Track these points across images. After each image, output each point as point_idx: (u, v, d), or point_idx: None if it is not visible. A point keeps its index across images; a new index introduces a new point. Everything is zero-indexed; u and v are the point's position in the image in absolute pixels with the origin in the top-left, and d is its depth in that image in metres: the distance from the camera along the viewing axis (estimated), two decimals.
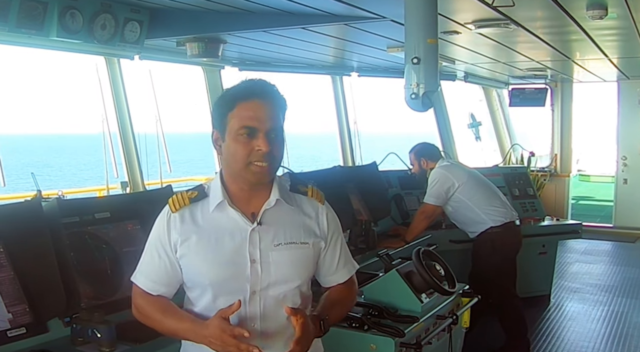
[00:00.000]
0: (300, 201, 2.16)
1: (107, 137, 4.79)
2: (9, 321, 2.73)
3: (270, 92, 2.03)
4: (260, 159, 1.97)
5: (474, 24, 4.71)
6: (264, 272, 2.04)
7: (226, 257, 2.03)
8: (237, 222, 2.06)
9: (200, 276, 2.07)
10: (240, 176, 2.03)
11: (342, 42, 5.49)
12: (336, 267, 2.23)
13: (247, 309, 2.03)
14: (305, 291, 2.16)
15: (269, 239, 2.06)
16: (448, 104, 8.94)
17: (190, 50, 4.44)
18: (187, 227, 2.08)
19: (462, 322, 3.95)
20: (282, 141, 2.05)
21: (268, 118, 1.98)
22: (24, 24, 3.63)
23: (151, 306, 2.15)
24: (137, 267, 2.21)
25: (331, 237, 2.19)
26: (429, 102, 3.54)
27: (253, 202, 2.08)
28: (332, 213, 2.23)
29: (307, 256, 2.12)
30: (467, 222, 5.26)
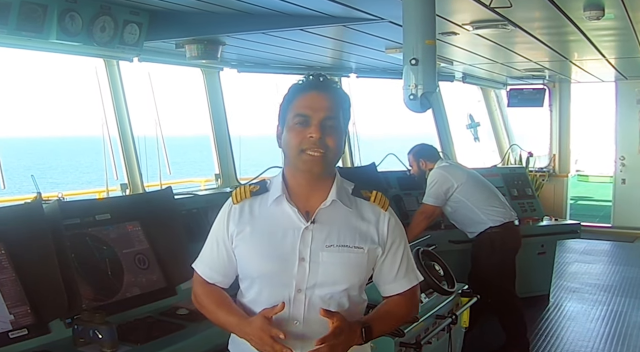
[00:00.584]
0: (361, 205, 2.13)
1: (107, 139, 4.80)
2: (10, 322, 2.75)
3: (327, 85, 2.08)
4: (312, 146, 1.99)
5: (472, 25, 4.72)
6: (312, 272, 2.04)
7: (276, 252, 2.05)
8: (292, 218, 2.07)
9: (250, 267, 2.12)
10: (294, 165, 2.06)
11: (340, 44, 5.51)
12: (395, 276, 2.19)
13: (292, 306, 2.05)
14: (356, 296, 2.13)
15: (321, 239, 2.06)
16: (446, 105, 8.96)
17: (189, 52, 4.45)
18: (245, 219, 2.12)
19: (462, 322, 3.96)
20: (340, 135, 2.05)
21: (322, 108, 2.00)
22: (24, 27, 3.64)
23: (207, 297, 2.22)
24: (199, 255, 2.29)
25: (391, 245, 2.15)
26: (427, 103, 3.54)
27: (311, 200, 2.09)
28: (396, 221, 2.18)
29: (359, 260, 2.08)
30: (467, 223, 5.27)
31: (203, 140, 5.92)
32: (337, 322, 1.95)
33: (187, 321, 3.05)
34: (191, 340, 2.89)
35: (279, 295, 2.03)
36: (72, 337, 2.78)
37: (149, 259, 3.42)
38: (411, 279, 2.21)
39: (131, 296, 3.22)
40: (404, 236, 2.20)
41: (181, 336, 2.90)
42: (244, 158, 5.91)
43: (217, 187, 5.60)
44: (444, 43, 5.63)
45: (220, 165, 5.63)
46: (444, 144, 8.65)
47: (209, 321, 2.84)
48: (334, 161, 2.07)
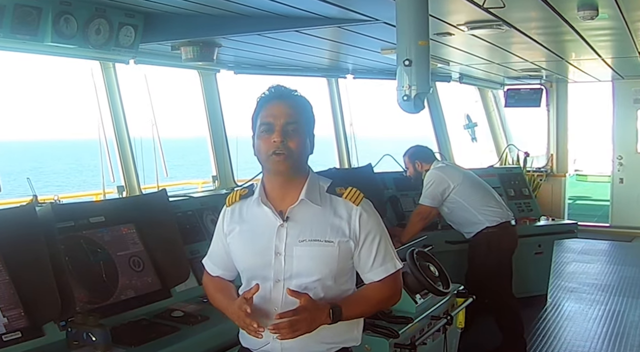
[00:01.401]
0: (335, 202, 2.33)
1: (104, 141, 4.80)
2: (4, 325, 2.74)
3: (286, 94, 2.32)
4: (276, 149, 2.22)
5: (467, 25, 4.73)
6: (287, 264, 2.28)
7: (257, 248, 2.32)
8: (269, 217, 2.31)
9: (239, 261, 2.42)
10: (267, 169, 2.32)
11: (336, 45, 5.51)
12: (371, 266, 2.35)
13: (272, 294, 2.29)
14: (331, 285, 2.31)
15: (294, 235, 2.28)
16: (444, 106, 8.96)
17: (185, 54, 4.45)
18: (235, 219, 2.42)
19: (457, 322, 3.98)
20: (302, 137, 2.27)
21: (283, 115, 2.24)
22: (18, 30, 3.64)
23: (210, 284, 2.56)
24: (208, 251, 2.58)
25: (365, 237, 2.31)
26: (421, 104, 3.54)
27: (285, 200, 2.32)
28: (369, 214, 2.34)
29: (330, 253, 2.28)
30: (463, 223, 5.27)
31: (202, 142, 5.91)
32: (303, 301, 2.18)
33: (181, 323, 3.05)
34: (185, 342, 2.89)
35: (263, 284, 2.27)
36: (66, 340, 2.78)
37: (143, 261, 3.42)
38: (388, 268, 2.36)
39: (126, 299, 3.22)
40: (379, 227, 2.37)
41: (175, 338, 2.89)
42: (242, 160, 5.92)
43: (215, 189, 5.60)
44: (439, 44, 5.64)
45: (217, 167, 5.63)
46: (441, 144, 8.65)
47: (203, 324, 2.91)
48: (299, 161, 2.29)
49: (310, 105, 2.37)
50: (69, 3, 3.76)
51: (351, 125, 7.28)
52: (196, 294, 3.50)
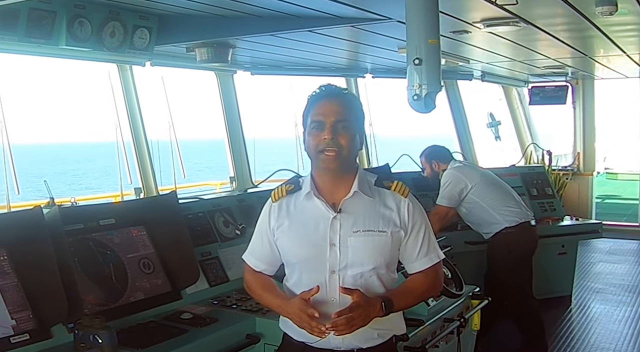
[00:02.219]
0: (383, 195, 2.43)
1: (121, 144, 4.84)
2: (12, 327, 2.78)
3: (337, 93, 2.42)
4: (327, 147, 2.31)
5: (483, 23, 4.66)
6: (342, 255, 2.35)
7: (310, 240, 2.39)
8: (321, 210, 2.39)
9: (290, 255, 2.46)
10: (316, 165, 2.41)
11: (353, 44, 5.48)
12: (417, 256, 2.46)
13: (328, 285, 2.36)
14: (384, 274, 2.42)
15: (348, 226, 2.36)
16: (466, 104, 8.86)
17: (200, 55, 4.46)
18: (283, 214, 2.47)
19: (472, 324, 3.92)
20: (352, 134, 2.36)
21: (333, 113, 2.33)
22: (33, 34, 3.67)
23: (255, 282, 2.59)
24: (248, 247, 2.63)
25: (412, 227, 2.42)
26: (432, 103, 3.51)
27: (336, 194, 2.41)
28: (415, 206, 2.46)
29: (384, 243, 2.38)
30: (481, 223, 5.21)
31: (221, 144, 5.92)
32: (356, 298, 2.26)
33: (190, 326, 3.06)
34: (192, 345, 2.89)
35: (316, 277, 2.36)
36: (73, 342, 2.81)
37: (153, 263, 3.44)
38: (432, 258, 2.48)
39: (135, 301, 3.24)
40: (424, 219, 2.48)
41: (182, 341, 2.90)
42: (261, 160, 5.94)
43: (232, 189, 5.60)
44: (457, 42, 5.57)
45: (234, 167, 5.64)
46: (463, 144, 8.56)
47: (211, 326, 2.91)
48: (349, 158, 2.37)
49: (360, 103, 2.47)
50: (83, 6, 3.78)
51: (370, 125, 7.25)
52: (206, 296, 3.51)
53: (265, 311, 3.30)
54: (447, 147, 5.56)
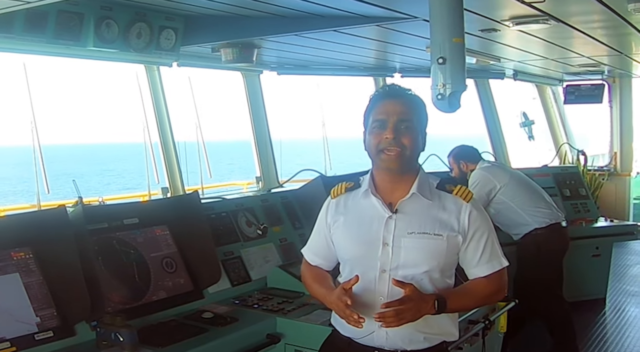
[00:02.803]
0: (444, 198, 2.40)
1: (149, 144, 4.89)
2: (36, 324, 2.83)
3: (400, 92, 2.41)
4: (389, 146, 2.30)
5: (511, 21, 4.58)
6: (394, 255, 2.33)
7: (364, 237, 2.38)
8: (378, 209, 2.38)
9: (343, 251, 2.47)
10: (376, 164, 2.39)
11: (380, 44, 5.44)
12: (477, 262, 2.41)
13: (377, 284, 2.35)
14: (437, 279, 2.37)
15: (403, 227, 2.34)
16: (498, 103, 8.74)
17: (225, 56, 4.48)
18: (340, 210, 2.49)
19: (499, 327, 3.86)
20: (415, 134, 2.35)
21: (396, 112, 2.32)
22: (61, 35, 3.73)
23: (308, 273, 2.65)
24: (307, 241, 2.68)
25: (473, 233, 2.38)
26: (456, 103, 3.47)
27: (394, 194, 2.39)
28: (478, 212, 2.42)
29: (438, 246, 2.34)
30: (510, 224, 5.14)
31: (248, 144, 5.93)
32: (408, 291, 2.22)
33: (210, 325, 3.08)
34: (212, 344, 2.91)
35: (367, 274, 2.34)
36: (95, 339, 2.84)
37: (176, 262, 3.46)
38: (494, 265, 2.42)
39: (158, 300, 3.27)
40: (488, 225, 2.44)
41: (202, 340, 2.92)
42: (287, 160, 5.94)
43: (259, 189, 5.62)
44: (487, 40, 5.49)
45: (261, 167, 5.65)
46: (495, 144, 8.43)
47: (232, 325, 2.92)
48: (411, 158, 2.36)
49: (423, 104, 2.45)
50: (110, 8, 3.83)
51: None
52: (228, 295, 3.53)
53: (287, 311, 3.30)
54: (475, 147, 5.50)
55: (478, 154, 5.41)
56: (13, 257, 2.91)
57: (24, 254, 2.94)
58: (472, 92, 8.24)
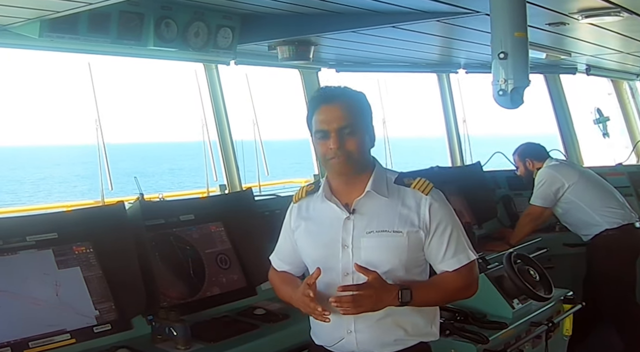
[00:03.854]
0: (402, 193, 2.34)
1: (207, 142, 4.96)
2: (95, 317, 2.90)
3: (336, 96, 2.31)
4: (334, 155, 2.26)
5: (580, 14, 4.40)
6: (355, 256, 2.28)
7: (324, 241, 2.35)
8: (335, 211, 2.35)
9: (305, 255, 2.46)
10: (327, 170, 2.40)
11: (442, 39, 5.32)
12: (443, 256, 2.34)
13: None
14: (402, 276, 2.30)
15: (361, 227, 2.30)
16: (571, 99, 8.43)
17: (281, 53, 4.48)
18: (301, 215, 2.47)
19: (564, 330, 3.74)
20: (360, 137, 2.29)
21: (336, 119, 2.25)
22: (123, 36, 3.81)
23: (276, 277, 2.64)
24: (275, 247, 2.66)
25: (436, 227, 2.31)
26: (519, 99, 3.39)
27: (351, 194, 2.35)
28: (439, 204, 2.34)
29: (399, 243, 2.28)
30: (579, 225, 4.95)
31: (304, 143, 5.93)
32: (371, 278, 2.19)
33: (262, 322, 3.08)
34: (263, 340, 2.92)
35: (330, 278, 2.30)
36: (151, 333, 2.89)
37: (230, 259, 3.49)
38: (460, 259, 2.34)
39: (211, 295, 3.31)
40: (451, 217, 2.36)
41: (253, 336, 2.93)
42: None
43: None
44: (556, 34, 5.30)
45: (319, 165, 5.62)
46: (566, 141, 8.14)
47: (283, 322, 2.92)
48: (360, 160, 2.31)
49: (363, 98, 2.37)
50: (169, 8, 3.89)
51: (464, 122, 7.04)
52: None
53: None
54: (542, 145, 5.32)
55: (545, 151, 5.23)
56: (75, 251, 2.99)
57: (84, 249, 3.02)
58: (542, 88, 7.99)
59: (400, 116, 60.86)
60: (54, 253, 2.92)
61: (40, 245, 2.89)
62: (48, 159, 71.41)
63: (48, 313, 2.76)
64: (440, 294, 2.37)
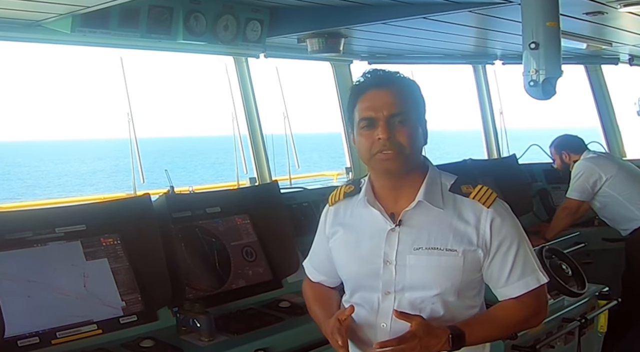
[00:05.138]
0: (459, 203, 2.01)
1: (238, 136, 4.97)
2: (122, 308, 2.92)
3: (387, 80, 2.00)
4: (382, 147, 1.94)
5: (619, 3, 4.27)
6: (399, 275, 1.99)
7: (363, 254, 2.06)
8: (378, 220, 2.04)
9: (342, 269, 2.17)
10: (372, 169, 2.06)
11: (476, 30, 5.23)
12: (507, 279, 2.02)
13: (380, 307, 2.03)
14: (453, 301, 2.01)
15: (409, 242, 1.99)
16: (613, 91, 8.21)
17: (311, 46, 4.45)
18: (338, 220, 2.17)
19: (598, 326, 3.65)
20: (413, 128, 1.98)
21: (386, 105, 1.94)
22: (154, 30, 3.84)
23: (309, 291, 2.36)
24: (309, 253, 2.40)
25: (498, 245, 1.99)
26: (551, 90, 3.33)
27: (399, 201, 2.04)
28: (503, 218, 2.00)
29: (453, 264, 1.97)
30: (618, 219, 4.84)
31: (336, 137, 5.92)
32: (414, 325, 1.89)
33: (287, 314, 3.08)
34: (287, 333, 2.91)
35: (368, 296, 2.04)
36: (176, 325, 2.91)
37: (256, 252, 3.49)
38: (528, 282, 2.01)
39: (237, 288, 3.31)
40: (517, 233, 2.03)
41: (278, 329, 2.93)
42: None
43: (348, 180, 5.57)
44: (594, 24, 5.16)
45: (351, 158, 5.59)
46: (608, 134, 7.94)
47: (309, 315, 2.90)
48: (411, 157, 1.98)
49: (417, 87, 2.06)
50: (198, 2, 3.90)
51: (501, 115, 6.91)
52: None
53: None
54: (580, 137, 5.19)
55: (583, 143, 5.11)
56: (102, 243, 3.02)
57: (112, 241, 3.05)
58: (583, 80, 7.81)
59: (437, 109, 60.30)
60: (82, 245, 2.95)
61: (68, 237, 2.93)
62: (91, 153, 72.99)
63: (75, 304, 2.79)
64: (500, 330, 2.07)
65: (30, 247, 2.81)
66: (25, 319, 2.63)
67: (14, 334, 2.57)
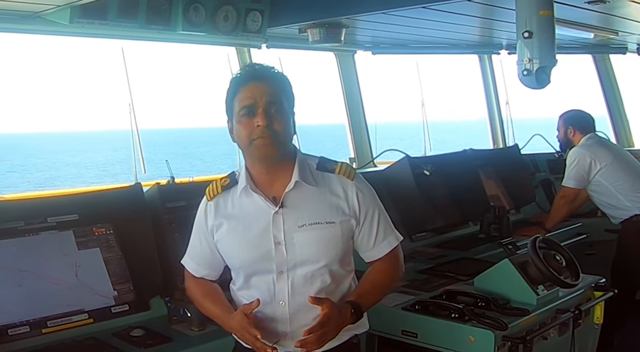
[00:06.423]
0: (328, 180, 2.24)
1: None
2: (114, 298, 2.96)
3: (264, 73, 2.20)
4: (261, 134, 2.12)
5: None
6: (289, 253, 2.17)
7: (253, 240, 2.20)
8: (261, 206, 2.20)
9: (232, 258, 2.30)
10: (250, 155, 2.20)
11: (479, 20, 5.20)
12: (374, 243, 2.30)
13: (276, 287, 2.20)
14: (338, 270, 2.25)
15: (292, 221, 2.17)
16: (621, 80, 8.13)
17: (312, 36, 4.44)
18: (220, 213, 2.29)
19: (594, 318, 3.63)
20: (287, 117, 2.18)
21: (263, 95, 2.13)
22: (153, 21, 3.85)
23: (196, 288, 2.43)
24: (186, 251, 2.47)
25: (365, 213, 2.25)
26: (546, 79, 3.34)
27: (275, 186, 2.22)
28: (365, 188, 2.28)
29: (334, 235, 2.20)
30: (607, 208, 4.83)
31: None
32: (326, 309, 2.07)
33: None
34: None
35: (264, 279, 2.20)
36: (167, 314, 2.94)
37: None
38: (390, 241, 2.32)
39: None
40: (376, 201, 2.30)
41: None
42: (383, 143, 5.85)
43: None
44: (599, 13, 5.11)
45: (355, 150, 5.58)
46: (616, 124, 7.88)
47: None
48: (285, 143, 2.19)
49: (289, 82, 2.27)
50: None
51: (507, 105, 6.88)
52: None
53: None
54: (592, 118, 5.06)
55: (592, 124, 5.01)
56: (95, 232, 3.07)
57: (104, 230, 3.09)
58: (590, 69, 7.75)
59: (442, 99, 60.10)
60: (75, 234, 2.99)
61: (61, 226, 2.97)
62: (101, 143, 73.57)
63: (67, 293, 2.84)
64: (379, 292, 2.34)
65: (22, 236, 2.86)
66: (16, 308, 2.68)
67: (4, 323, 2.62)
